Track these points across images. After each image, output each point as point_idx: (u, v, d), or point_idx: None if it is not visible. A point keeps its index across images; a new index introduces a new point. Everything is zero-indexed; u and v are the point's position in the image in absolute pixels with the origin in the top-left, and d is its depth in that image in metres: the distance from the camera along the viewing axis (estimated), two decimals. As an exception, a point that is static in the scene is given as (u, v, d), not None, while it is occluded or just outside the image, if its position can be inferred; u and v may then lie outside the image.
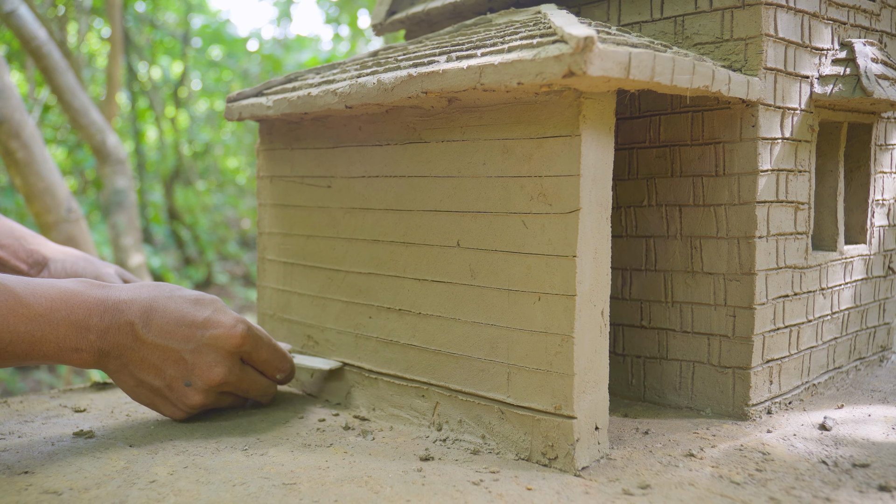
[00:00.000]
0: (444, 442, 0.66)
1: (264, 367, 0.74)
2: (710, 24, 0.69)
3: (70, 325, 0.64)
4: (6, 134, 1.59)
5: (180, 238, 4.97)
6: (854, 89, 0.71)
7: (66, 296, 0.65)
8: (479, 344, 0.64)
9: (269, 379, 0.76)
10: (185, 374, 0.68)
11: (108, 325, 0.66)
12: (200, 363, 0.68)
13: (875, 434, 0.66)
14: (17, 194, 3.25)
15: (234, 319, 0.70)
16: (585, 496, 0.54)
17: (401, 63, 0.67)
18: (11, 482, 0.56)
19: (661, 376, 0.76)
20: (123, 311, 0.66)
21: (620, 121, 0.75)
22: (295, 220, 0.83)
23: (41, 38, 1.86)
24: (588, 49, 0.50)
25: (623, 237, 0.77)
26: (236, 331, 0.69)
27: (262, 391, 0.75)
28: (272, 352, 0.74)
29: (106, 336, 0.66)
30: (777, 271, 0.71)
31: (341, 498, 0.54)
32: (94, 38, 4.90)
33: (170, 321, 0.68)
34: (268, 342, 0.73)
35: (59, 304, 0.64)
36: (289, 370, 0.76)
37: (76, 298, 0.65)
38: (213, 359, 0.69)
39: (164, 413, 0.71)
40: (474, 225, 0.64)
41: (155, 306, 0.68)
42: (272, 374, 0.75)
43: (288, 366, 0.76)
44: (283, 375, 0.76)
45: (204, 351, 0.68)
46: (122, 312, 0.66)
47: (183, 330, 0.68)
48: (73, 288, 0.66)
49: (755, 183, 0.67)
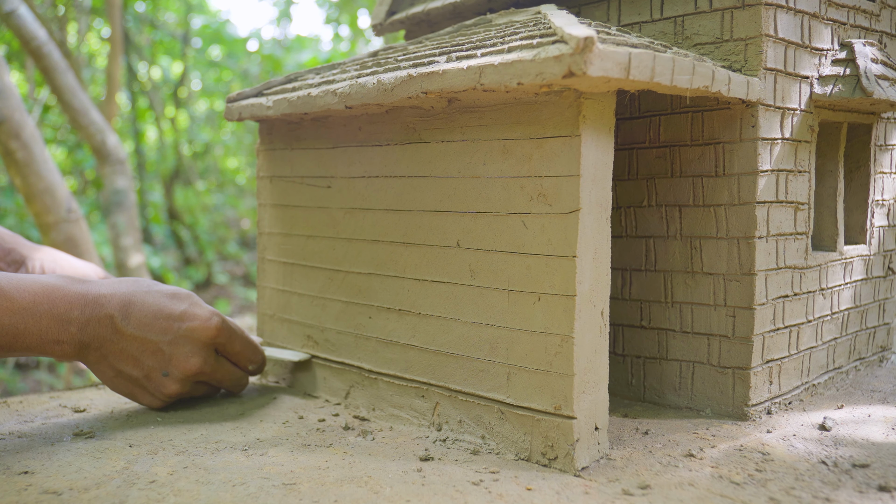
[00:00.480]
0: (444, 442, 0.66)
1: (237, 358, 0.77)
2: (710, 25, 0.69)
3: (52, 317, 0.66)
4: (6, 134, 1.59)
5: (180, 238, 4.97)
6: (854, 90, 0.71)
7: (49, 290, 0.67)
8: (478, 344, 0.64)
9: (242, 370, 0.79)
10: (163, 364, 0.71)
11: (89, 317, 0.68)
12: (177, 354, 0.71)
13: (875, 434, 0.66)
14: (17, 194, 3.25)
15: (209, 312, 0.73)
16: (585, 496, 0.54)
17: (401, 63, 0.67)
18: (11, 482, 0.56)
19: (660, 376, 0.76)
20: (103, 305, 0.69)
21: (620, 121, 0.75)
22: (295, 220, 0.83)
23: (41, 38, 1.86)
24: (588, 49, 0.50)
25: (623, 237, 0.77)
26: (211, 323, 0.72)
27: (235, 381, 0.78)
28: (245, 344, 0.77)
29: (86, 328, 0.68)
30: (777, 271, 0.71)
31: (341, 498, 0.54)
32: (94, 38, 4.90)
33: (147, 314, 0.70)
34: (240, 335, 0.77)
35: (42, 298, 0.66)
36: (260, 362, 0.80)
37: (58, 293, 0.67)
38: (190, 350, 0.72)
39: (142, 402, 0.74)
40: (474, 225, 0.64)
41: (133, 300, 0.70)
42: (244, 364, 0.79)
43: (260, 357, 0.80)
44: (255, 366, 0.80)
45: (180, 342, 0.71)
46: (101, 306, 0.69)
47: (160, 322, 0.71)
48: (55, 283, 0.68)
49: (755, 183, 0.67)
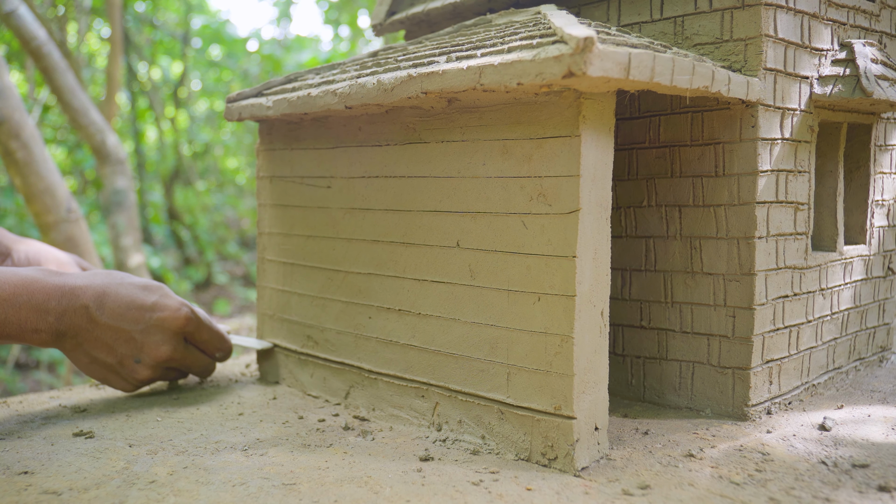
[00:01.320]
0: (444, 442, 0.66)
1: (205, 346, 0.83)
2: (710, 25, 0.69)
3: (31, 308, 0.71)
4: (6, 134, 1.59)
5: (180, 238, 4.96)
6: (854, 90, 0.71)
7: (27, 282, 0.71)
8: (478, 344, 0.64)
9: (209, 357, 0.84)
10: (135, 351, 0.76)
11: (66, 308, 0.72)
12: (149, 342, 0.76)
13: (875, 434, 0.66)
14: (17, 194, 3.24)
15: (179, 303, 0.78)
16: (585, 496, 0.54)
17: (401, 63, 0.67)
18: (11, 482, 0.56)
19: (660, 376, 0.76)
20: (79, 296, 0.73)
21: (620, 121, 0.75)
22: (295, 220, 0.83)
23: (41, 38, 1.86)
24: (588, 49, 0.50)
25: (623, 237, 0.77)
26: (181, 313, 0.77)
27: (203, 367, 0.84)
28: (212, 334, 0.82)
29: (63, 318, 0.72)
30: (777, 272, 0.71)
31: (341, 498, 0.54)
32: (94, 38, 4.90)
33: (121, 305, 0.75)
34: (208, 325, 0.82)
35: (21, 290, 0.70)
36: (227, 350, 0.85)
37: (36, 285, 0.71)
38: (160, 338, 0.77)
39: (116, 387, 0.79)
40: (474, 225, 0.64)
41: (108, 291, 0.75)
42: (212, 352, 0.84)
43: (227, 346, 0.85)
44: (222, 354, 0.85)
45: (152, 331, 0.76)
46: (77, 297, 0.73)
47: (133, 312, 0.75)
48: (34, 275, 0.72)
49: (755, 183, 0.67)
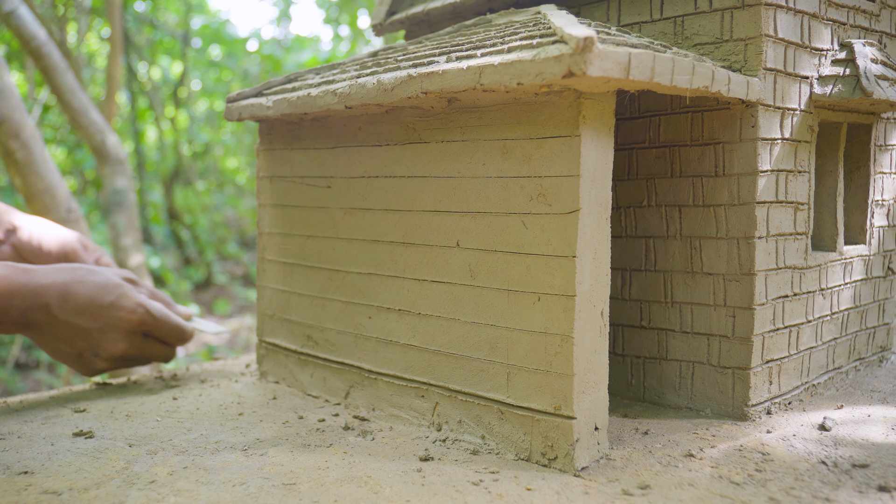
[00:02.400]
0: (444, 442, 0.66)
1: (165, 339, 0.88)
2: (710, 25, 0.69)
3: None
4: (6, 134, 1.58)
5: (180, 238, 4.96)
6: (854, 90, 0.71)
7: None
8: (478, 344, 0.64)
9: (169, 346, 0.89)
10: (93, 346, 0.82)
11: (28, 305, 0.79)
12: (105, 339, 0.82)
13: (875, 434, 0.66)
14: (16, 194, 3.24)
15: (135, 303, 0.83)
16: (585, 496, 0.54)
17: (400, 63, 0.67)
18: (11, 482, 0.56)
19: (660, 376, 0.76)
20: (41, 294, 0.79)
21: (620, 121, 0.75)
22: (295, 220, 0.83)
23: (41, 38, 1.86)
24: (588, 49, 0.50)
25: (623, 237, 0.77)
26: (135, 315, 0.83)
27: (163, 356, 0.89)
28: (171, 328, 0.87)
29: (26, 314, 0.79)
30: (777, 272, 0.71)
31: (341, 498, 0.54)
32: (94, 38, 4.89)
33: (80, 303, 0.81)
34: (165, 320, 0.86)
35: None
36: (186, 340, 0.90)
37: (2, 282, 0.78)
38: (116, 336, 0.82)
39: (79, 372, 0.85)
40: (474, 225, 0.64)
41: (69, 290, 0.81)
42: (171, 344, 0.89)
43: (187, 337, 0.90)
44: (181, 343, 0.90)
45: (108, 329, 0.82)
46: (40, 296, 0.79)
47: (91, 310, 0.81)
48: (1, 273, 0.78)
49: (755, 183, 0.67)
